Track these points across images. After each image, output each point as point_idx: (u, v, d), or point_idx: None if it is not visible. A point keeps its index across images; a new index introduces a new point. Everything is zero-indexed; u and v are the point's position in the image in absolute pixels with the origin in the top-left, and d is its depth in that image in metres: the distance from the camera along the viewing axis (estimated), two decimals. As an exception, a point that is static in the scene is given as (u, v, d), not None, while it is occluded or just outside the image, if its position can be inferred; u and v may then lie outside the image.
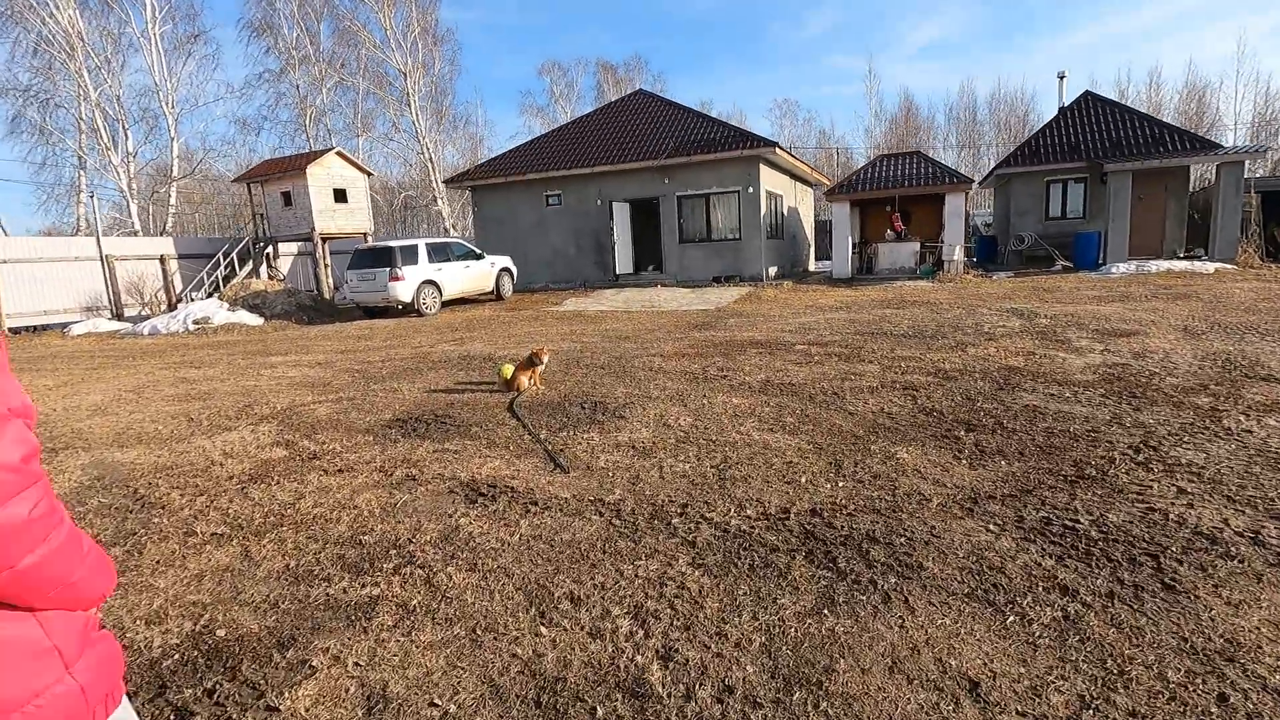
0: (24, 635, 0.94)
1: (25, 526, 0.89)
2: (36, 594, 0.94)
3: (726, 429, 4.86)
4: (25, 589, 0.91)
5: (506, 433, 5.02)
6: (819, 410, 5.25)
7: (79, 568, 0.99)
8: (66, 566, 0.97)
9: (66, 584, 0.97)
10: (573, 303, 16.09)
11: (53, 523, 0.94)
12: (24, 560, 0.89)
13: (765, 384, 6.29)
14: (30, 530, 0.90)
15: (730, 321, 11.44)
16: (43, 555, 0.92)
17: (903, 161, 18.94)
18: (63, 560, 0.96)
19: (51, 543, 0.94)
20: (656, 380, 6.70)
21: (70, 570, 0.98)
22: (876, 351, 7.67)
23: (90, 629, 1.06)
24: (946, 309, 11.43)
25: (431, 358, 9.09)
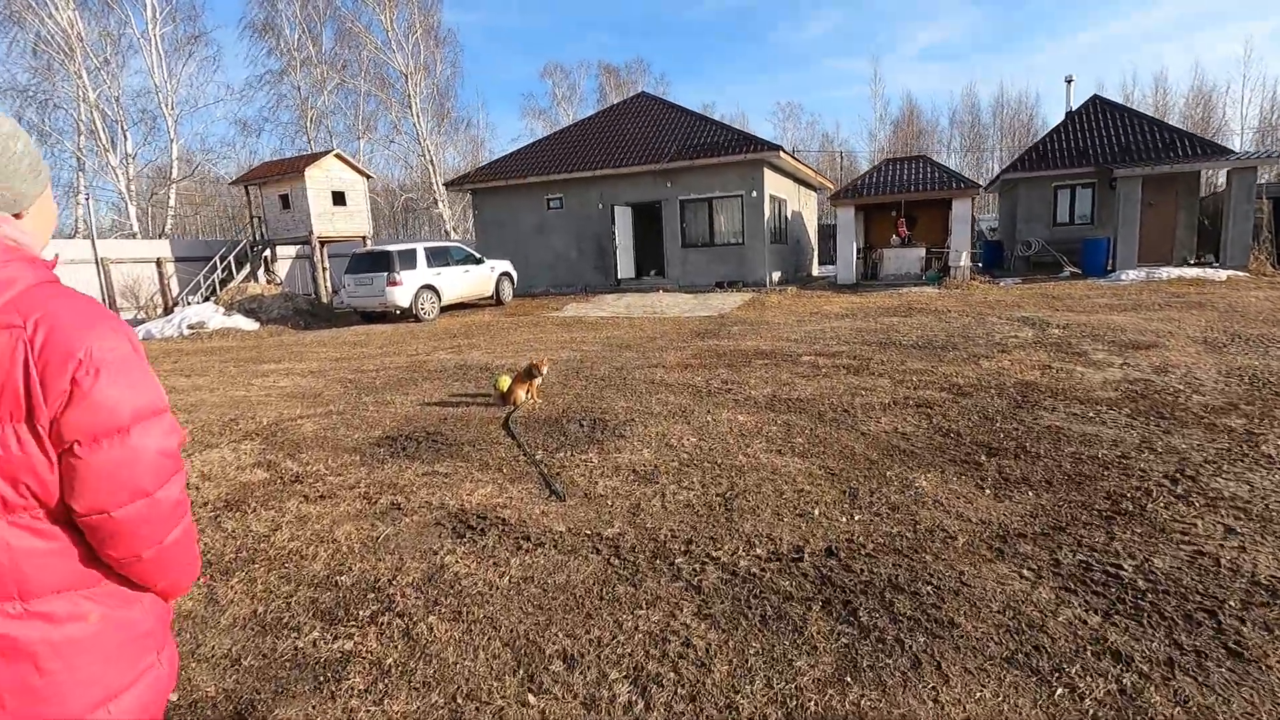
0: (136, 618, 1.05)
1: (175, 506, 1.04)
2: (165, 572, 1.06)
3: (733, 450, 4.60)
4: (162, 565, 1.04)
5: (501, 453, 4.77)
6: (829, 430, 4.99)
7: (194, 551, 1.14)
8: (190, 549, 1.12)
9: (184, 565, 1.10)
10: (573, 308, 15.85)
11: (187, 506, 1.08)
12: (169, 537, 1.03)
13: (772, 399, 6.04)
14: (177, 510, 1.04)
15: (734, 329, 11.19)
16: (179, 535, 1.06)
17: (908, 166, 18.69)
18: (189, 543, 1.11)
19: (184, 524, 1.08)
20: (659, 394, 6.45)
21: (191, 552, 1.12)
22: (886, 364, 7.41)
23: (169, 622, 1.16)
24: (955, 317, 11.17)
25: (427, 367, 8.85)
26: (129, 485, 0.97)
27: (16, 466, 0.91)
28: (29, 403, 0.90)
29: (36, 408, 0.90)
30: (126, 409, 0.97)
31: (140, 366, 1.01)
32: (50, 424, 0.91)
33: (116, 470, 0.96)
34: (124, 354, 0.98)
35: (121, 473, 0.96)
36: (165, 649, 1.12)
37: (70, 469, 0.93)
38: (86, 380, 0.92)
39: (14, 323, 0.90)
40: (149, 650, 1.08)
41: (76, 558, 0.99)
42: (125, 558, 1.01)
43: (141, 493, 0.99)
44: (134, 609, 1.06)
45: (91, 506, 0.95)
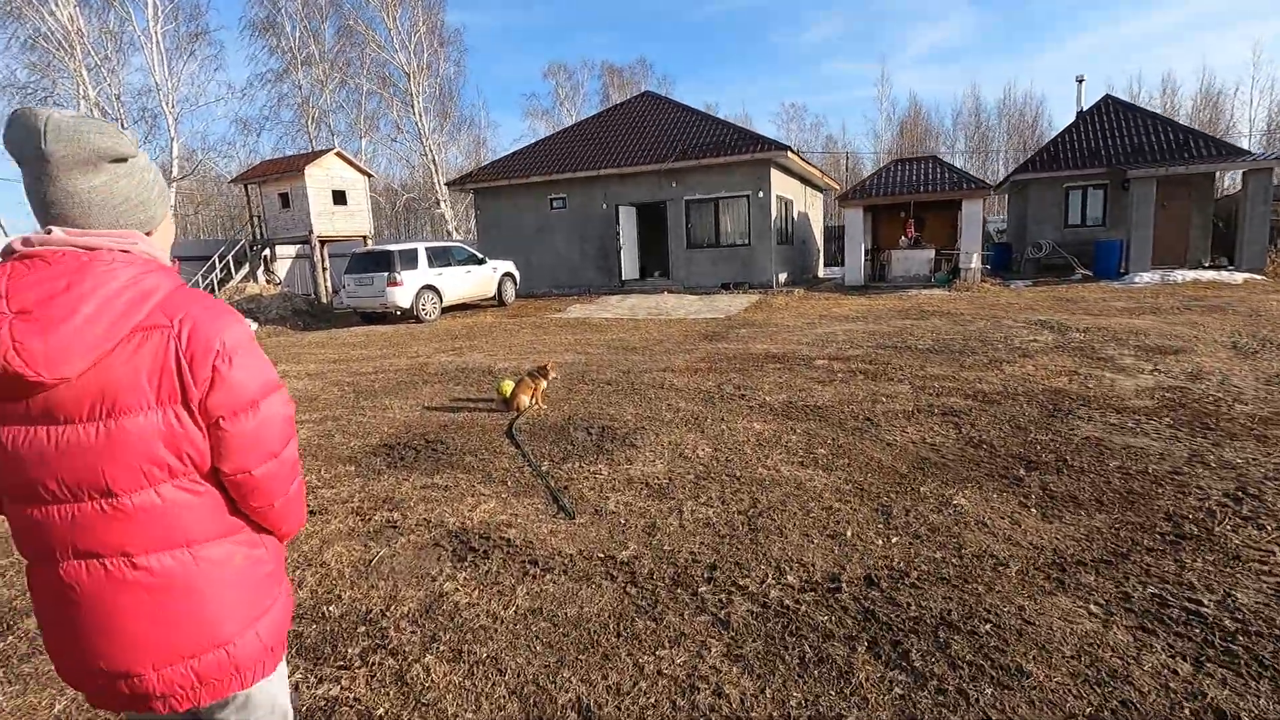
0: (265, 558, 1.28)
1: (295, 463, 1.29)
2: (288, 517, 1.29)
3: (751, 462, 4.31)
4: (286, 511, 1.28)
5: (504, 463, 4.49)
6: (852, 440, 4.70)
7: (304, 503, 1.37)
8: (303, 498, 1.34)
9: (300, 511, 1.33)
10: (577, 309, 15.57)
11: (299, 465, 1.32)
12: (291, 488, 1.28)
13: (788, 406, 5.75)
14: (296, 466, 1.30)
15: (742, 332, 10.90)
16: (297, 486, 1.30)
17: (918, 166, 18.40)
18: (302, 493, 1.33)
19: (299, 478, 1.31)
20: (669, 400, 6.17)
21: (303, 501, 1.35)
22: (904, 368, 7.12)
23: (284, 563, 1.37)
24: (969, 320, 10.88)
25: (428, 370, 8.57)
26: (263, 448, 1.19)
27: (179, 440, 1.11)
28: (182, 388, 1.09)
29: (189, 391, 1.09)
30: (255, 386, 1.16)
31: (258, 350, 1.19)
32: (199, 404, 1.10)
33: (253, 437, 1.17)
34: (247, 341, 1.17)
35: (257, 438, 1.17)
36: (284, 583, 1.34)
37: (218, 439, 1.14)
38: (224, 367, 1.11)
39: (163, 323, 1.08)
40: (276, 583, 1.30)
41: (224, 510, 1.21)
42: (262, 506, 1.23)
43: (272, 454, 1.21)
44: (263, 550, 1.27)
45: (237, 467, 1.17)
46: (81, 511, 1.10)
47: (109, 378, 1.06)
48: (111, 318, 1.04)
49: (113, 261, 1.07)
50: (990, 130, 48.94)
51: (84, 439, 1.07)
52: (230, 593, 1.20)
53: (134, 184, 1.16)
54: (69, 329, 1.00)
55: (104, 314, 1.03)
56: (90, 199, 1.10)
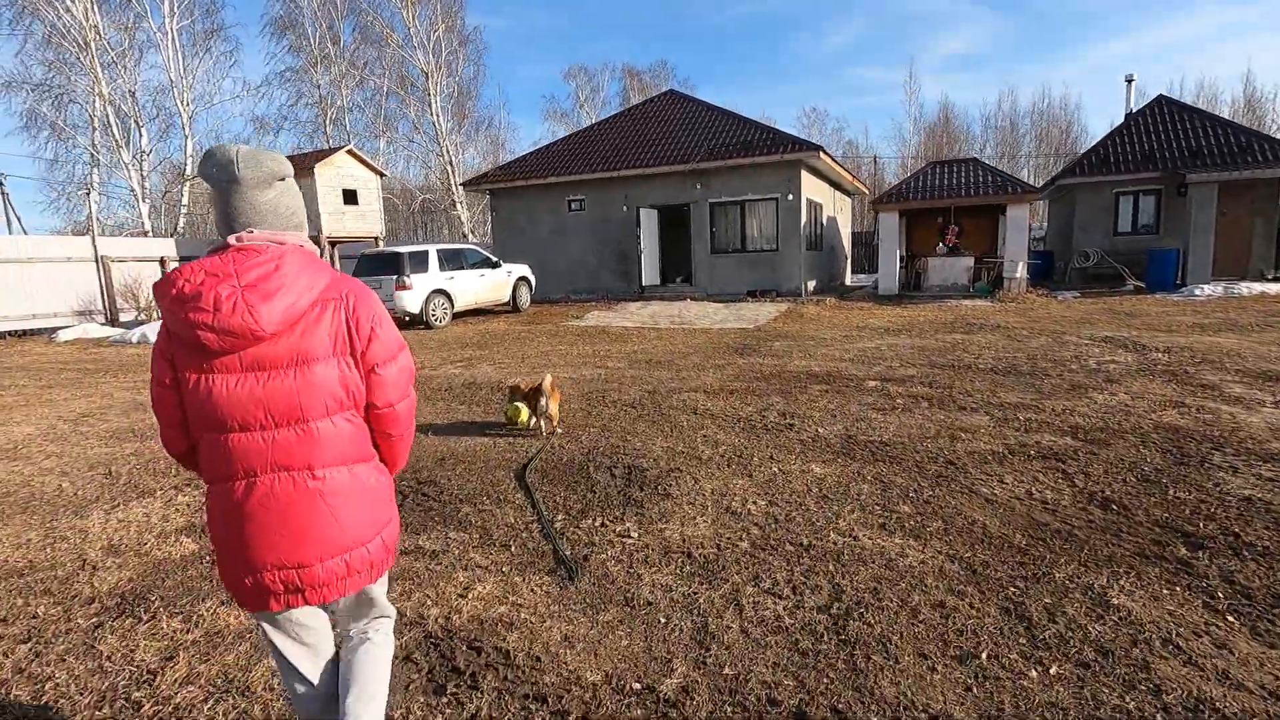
0: (386, 484, 1.65)
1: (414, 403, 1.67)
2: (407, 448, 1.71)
3: (819, 523, 3.41)
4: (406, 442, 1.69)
5: (509, 516, 3.62)
6: (939, 492, 3.78)
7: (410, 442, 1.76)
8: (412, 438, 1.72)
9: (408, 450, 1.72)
10: (595, 316, 14.72)
11: None
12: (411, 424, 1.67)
13: (848, 441, 4.84)
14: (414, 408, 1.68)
15: (776, 345, 9.98)
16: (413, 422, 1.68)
17: (957, 169, 17.36)
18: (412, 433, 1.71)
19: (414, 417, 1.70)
20: (704, 429, 5.28)
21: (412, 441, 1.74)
22: (973, 394, 6.17)
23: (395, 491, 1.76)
24: (1026, 335, 9.88)
25: (433, 383, 7.75)
26: (401, 388, 1.59)
27: (348, 381, 1.49)
28: (351, 343, 1.48)
29: (355, 345, 1.49)
30: (396, 343, 1.57)
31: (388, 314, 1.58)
32: (360, 355, 1.50)
33: (396, 379, 1.57)
34: (383, 308, 1.57)
35: (398, 381, 1.58)
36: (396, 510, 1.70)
37: (373, 381, 1.53)
38: (379, 328, 1.52)
39: (336, 297, 1.48)
40: (392, 503, 1.66)
41: (368, 440, 1.59)
42: (396, 434, 1.63)
43: (406, 393, 1.61)
44: (385, 477, 1.65)
45: (385, 402, 1.56)
46: (282, 435, 1.45)
47: (301, 336, 1.43)
48: (305, 290, 1.43)
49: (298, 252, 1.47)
50: (1023, 136, 47.54)
51: (285, 381, 1.43)
52: (370, 503, 1.56)
53: (292, 196, 1.55)
54: (281, 297, 1.39)
55: (301, 287, 1.42)
56: (266, 209, 1.48)
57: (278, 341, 1.39)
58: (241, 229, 1.44)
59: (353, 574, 1.52)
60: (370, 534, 1.55)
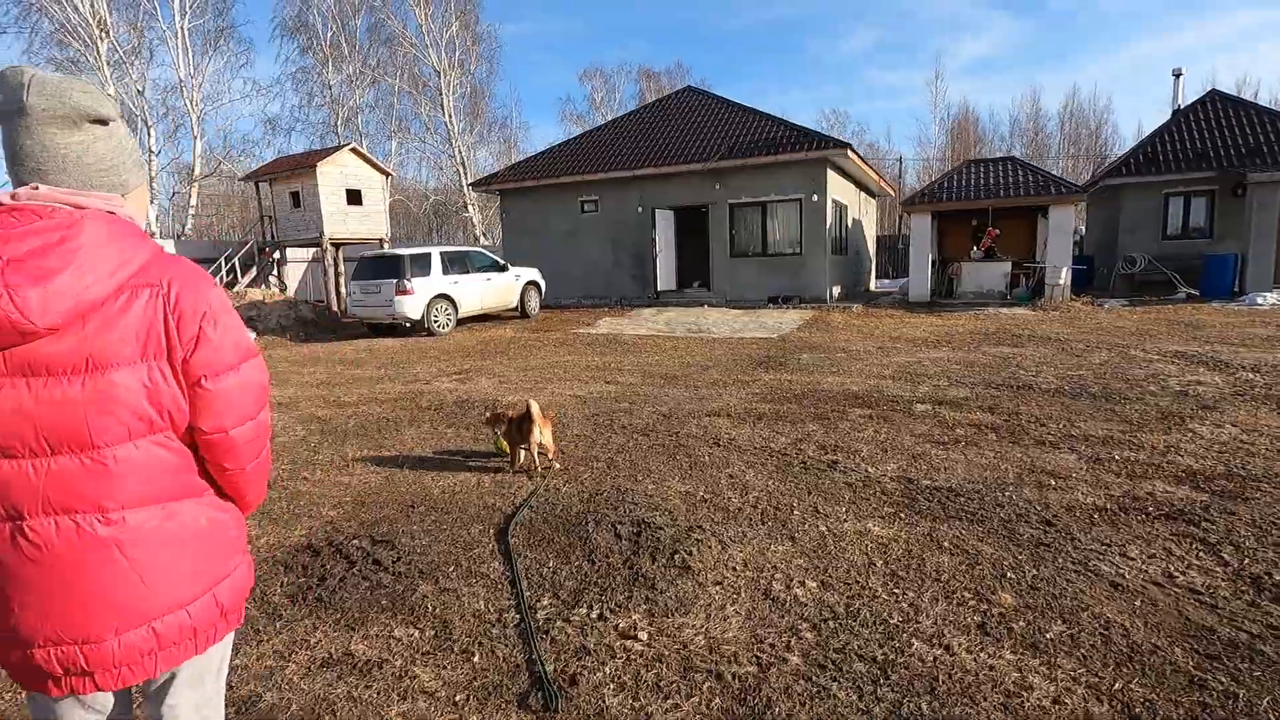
0: (227, 522, 1.27)
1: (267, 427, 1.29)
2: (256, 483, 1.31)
3: (893, 622, 2.52)
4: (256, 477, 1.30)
5: (478, 600, 2.75)
6: (1046, 570, 2.87)
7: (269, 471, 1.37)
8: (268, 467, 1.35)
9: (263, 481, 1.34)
10: (607, 323, 13.87)
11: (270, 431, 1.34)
12: (262, 453, 1.29)
13: (907, 487, 3.93)
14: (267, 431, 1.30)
15: (803, 357, 9.06)
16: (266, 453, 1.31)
17: (995, 168, 16.30)
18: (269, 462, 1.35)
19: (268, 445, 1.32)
20: (729, 466, 4.39)
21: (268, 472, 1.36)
22: (1045, 422, 5.23)
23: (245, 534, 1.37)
24: (1083, 349, 8.88)
25: (422, 400, 6.93)
26: (240, 409, 1.21)
27: (162, 396, 1.12)
28: (168, 345, 1.11)
29: (173, 349, 1.12)
30: (237, 349, 1.19)
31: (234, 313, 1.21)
32: (183, 363, 1.13)
33: (233, 397, 1.19)
34: (226, 303, 1.20)
35: (236, 399, 1.20)
36: (245, 551, 1.34)
37: (199, 397, 1.15)
38: (210, 328, 1.14)
39: (152, 282, 1.11)
40: (238, 551, 1.30)
41: (194, 472, 1.21)
42: (234, 468, 1.24)
43: (249, 415, 1.23)
44: (228, 516, 1.28)
45: (215, 427, 1.18)
46: (61, 465, 1.08)
47: (96, 332, 1.07)
48: (102, 272, 1.06)
49: (102, 220, 1.10)
50: (1049, 137, 46.13)
51: (68, 392, 1.07)
52: (196, 552, 1.20)
53: (111, 147, 1.18)
54: (64, 279, 1.02)
55: (95, 268, 1.05)
56: (66, 155, 1.12)
57: (60, 339, 1.06)
58: (29, 180, 1.11)
59: (166, 647, 1.19)
60: (193, 592, 1.21)
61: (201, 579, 1.21)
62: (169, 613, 1.17)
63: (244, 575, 1.32)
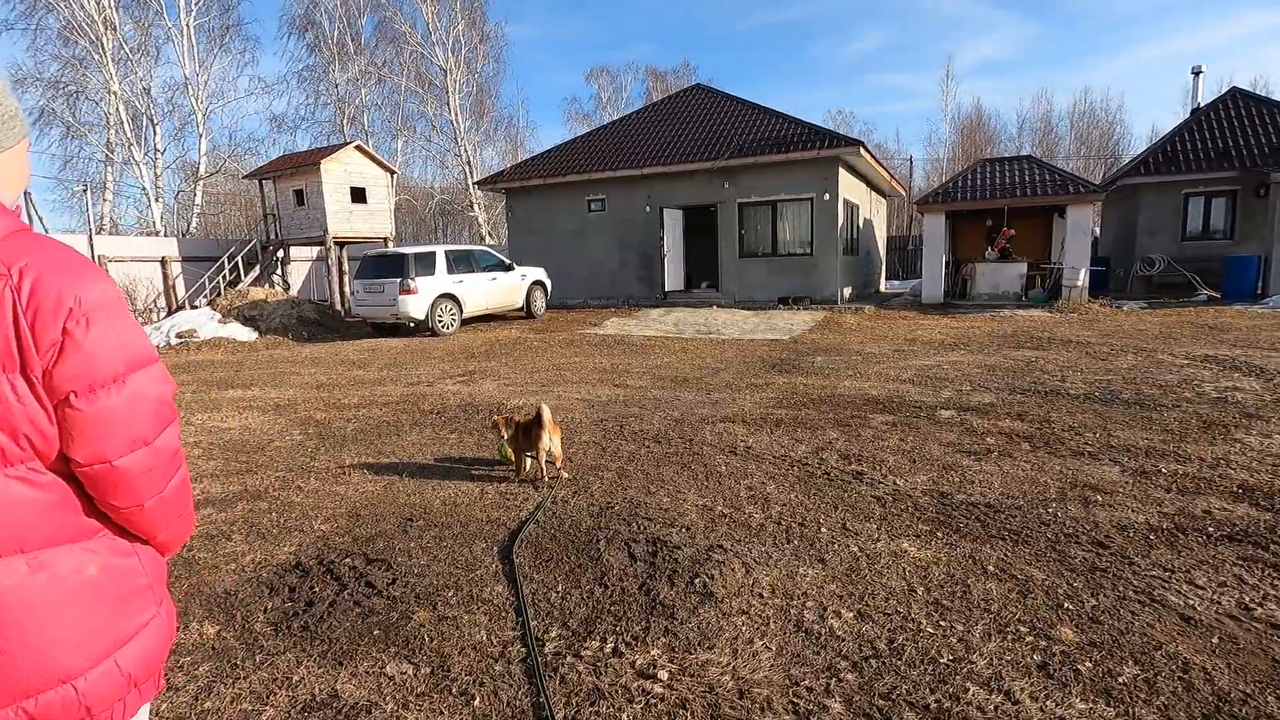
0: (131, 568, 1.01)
1: (174, 454, 1.02)
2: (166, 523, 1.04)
3: (943, 661, 2.25)
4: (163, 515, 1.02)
5: (480, 632, 2.50)
6: (1106, 600, 2.60)
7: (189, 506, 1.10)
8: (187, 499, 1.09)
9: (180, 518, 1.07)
10: (614, 324, 13.62)
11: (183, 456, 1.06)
12: (169, 485, 1.01)
13: (941, 502, 3.66)
14: (176, 458, 1.02)
15: (817, 360, 8.79)
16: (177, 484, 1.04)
17: (1011, 167, 15.98)
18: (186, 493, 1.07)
19: (182, 473, 1.05)
20: (748, 477, 4.13)
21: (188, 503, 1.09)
22: (1080, 431, 4.95)
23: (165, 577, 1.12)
24: (1108, 353, 8.58)
25: (424, 404, 6.69)
26: (129, 433, 0.95)
27: (15, 418, 0.88)
28: (21, 353, 0.87)
29: (29, 358, 0.87)
30: (122, 356, 0.93)
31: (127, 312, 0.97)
32: (44, 375, 0.88)
33: (116, 419, 0.93)
34: (111, 299, 0.95)
35: (121, 421, 0.93)
36: (164, 602, 1.09)
37: (68, 419, 0.90)
38: (79, 329, 0.89)
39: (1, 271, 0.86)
40: (149, 603, 1.04)
41: (76, 510, 0.96)
42: (128, 507, 0.98)
43: (142, 440, 0.96)
44: (133, 561, 1.03)
45: (92, 456, 0.92)
46: None
47: None
48: None
49: None
50: (1059, 138, 45.65)
51: None
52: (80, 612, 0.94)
53: None
54: None
55: None
56: None
57: None
58: None
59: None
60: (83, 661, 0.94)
61: (94, 644, 0.96)
62: (48, 689, 0.92)
63: (159, 633, 1.06)
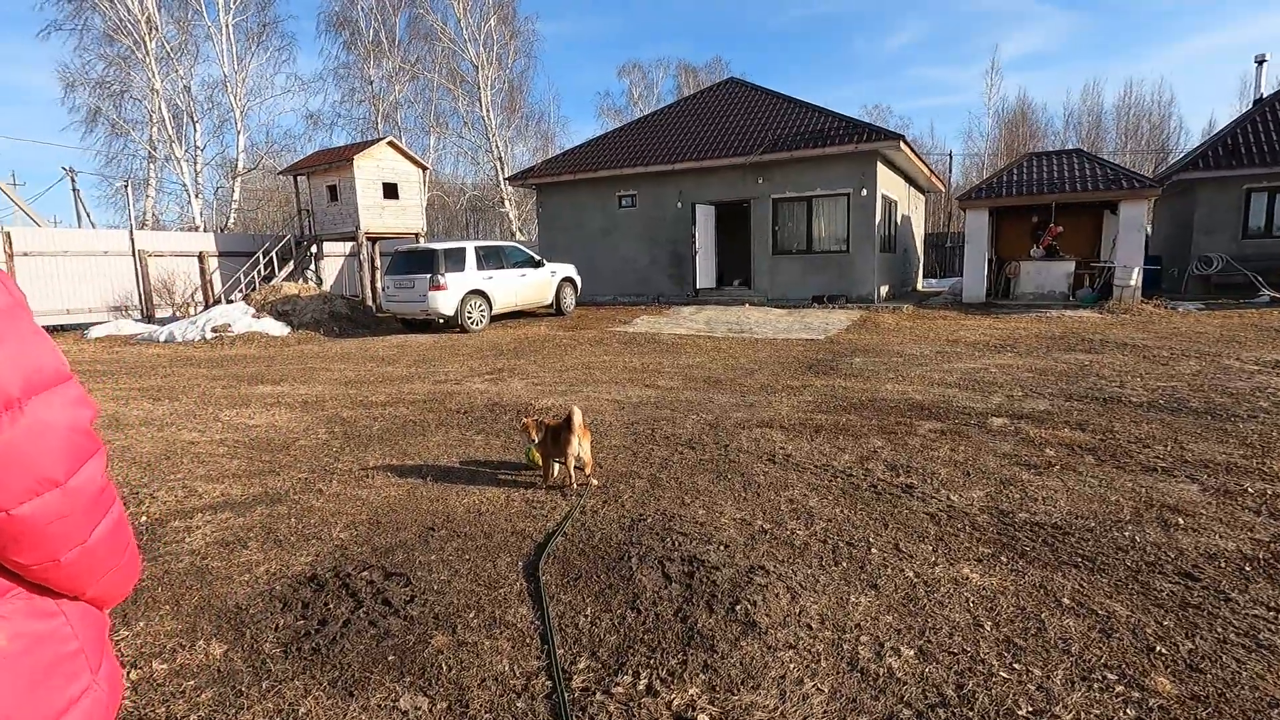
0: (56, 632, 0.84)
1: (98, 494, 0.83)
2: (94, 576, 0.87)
3: (1019, 709, 1.98)
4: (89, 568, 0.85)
5: (502, 661, 2.30)
6: (1204, 642, 2.30)
7: (128, 549, 0.93)
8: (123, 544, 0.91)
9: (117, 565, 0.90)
10: (644, 322, 13.40)
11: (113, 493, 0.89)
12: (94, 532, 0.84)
13: (1001, 521, 3.36)
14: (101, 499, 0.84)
15: (855, 361, 8.46)
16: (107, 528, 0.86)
17: (1059, 161, 15.33)
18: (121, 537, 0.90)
19: (113, 514, 0.88)
20: (789, 489, 3.87)
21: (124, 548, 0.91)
22: (1149, 443, 4.58)
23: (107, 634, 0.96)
24: (1167, 357, 8.09)
25: (451, 403, 6.55)
26: (32, 473, 0.75)
27: None
28: None
29: None
30: (16, 376, 0.74)
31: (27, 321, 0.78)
32: None
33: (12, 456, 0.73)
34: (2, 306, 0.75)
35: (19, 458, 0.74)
36: (103, 666, 0.91)
37: None
38: None
39: None
40: (81, 671, 0.86)
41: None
42: (38, 563, 0.80)
43: (49, 481, 0.77)
44: (58, 622, 0.84)
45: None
46: None
47: None
48: None
49: None
50: (1105, 131, 44.07)
51: None
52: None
53: None
54: None
55: None
56: None
57: None
58: None
59: None
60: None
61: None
62: None
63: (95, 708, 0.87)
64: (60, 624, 0.85)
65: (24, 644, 0.80)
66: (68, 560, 0.82)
